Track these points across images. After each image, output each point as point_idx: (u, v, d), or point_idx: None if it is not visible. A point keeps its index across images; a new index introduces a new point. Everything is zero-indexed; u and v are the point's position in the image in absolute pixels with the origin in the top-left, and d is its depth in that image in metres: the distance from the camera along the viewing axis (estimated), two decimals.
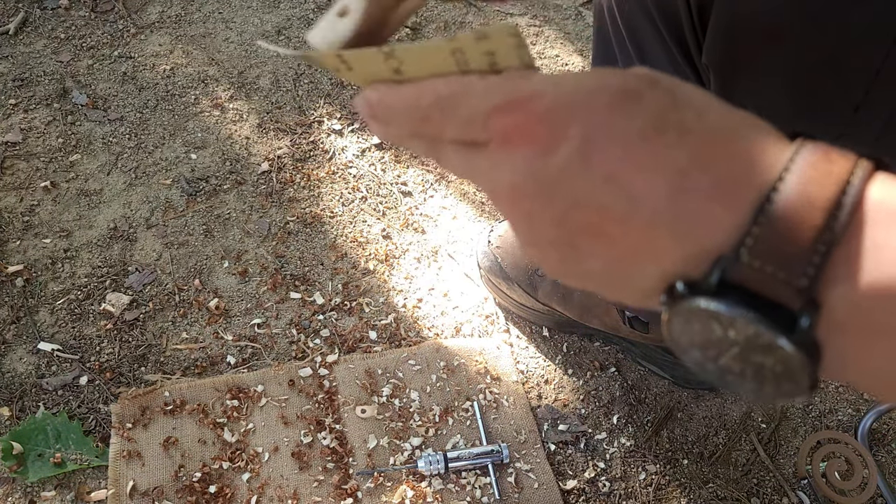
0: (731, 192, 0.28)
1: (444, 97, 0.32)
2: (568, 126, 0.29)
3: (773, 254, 0.27)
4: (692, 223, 0.28)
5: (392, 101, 0.34)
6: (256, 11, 1.51)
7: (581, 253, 0.31)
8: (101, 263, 1.13)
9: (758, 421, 1.03)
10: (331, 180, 1.25)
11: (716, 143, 0.29)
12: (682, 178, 0.28)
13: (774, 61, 0.56)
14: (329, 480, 0.94)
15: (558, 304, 1.04)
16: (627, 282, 0.31)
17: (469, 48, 0.31)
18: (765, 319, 0.27)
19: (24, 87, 1.35)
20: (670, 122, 0.29)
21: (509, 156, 0.31)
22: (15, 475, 0.93)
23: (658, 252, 0.29)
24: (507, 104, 0.31)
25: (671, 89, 0.30)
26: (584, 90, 0.30)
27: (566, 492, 0.96)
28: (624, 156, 0.29)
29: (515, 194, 0.31)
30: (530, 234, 0.32)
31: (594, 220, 0.29)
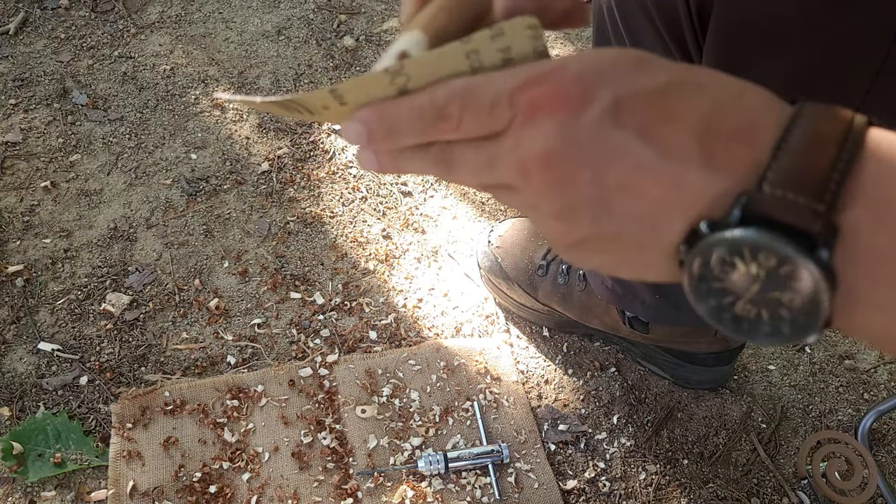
0: (751, 133, 0.31)
1: (462, 89, 0.33)
2: (596, 87, 0.31)
3: (793, 181, 0.29)
4: (717, 163, 0.30)
5: (397, 108, 0.34)
6: (256, 11, 1.51)
7: (612, 211, 0.32)
8: (102, 263, 1.13)
9: (758, 421, 1.03)
10: (331, 180, 1.25)
11: (731, 95, 0.32)
12: (706, 122, 0.31)
13: (774, 63, 0.56)
14: (329, 480, 0.94)
15: (558, 305, 1.04)
16: (652, 239, 0.32)
17: (484, 47, 0.32)
18: (787, 242, 0.29)
19: (25, 87, 1.35)
20: (688, 80, 0.32)
21: (539, 124, 0.32)
22: (15, 475, 0.93)
23: (686, 199, 0.31)
24: (532, 77, 0.32)
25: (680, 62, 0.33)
26: (605, 59, 0.32)
27: (566, 492, 0.96)
28: (652, 109, 0.31)
29: (549, 161, 0.32)
30: (561, 202, 0.33)
31: (627, 175, 0.31)
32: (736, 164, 0.30)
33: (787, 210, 0.29)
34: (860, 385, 1.07)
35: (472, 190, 1.26)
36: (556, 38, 1.51)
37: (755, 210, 0.29)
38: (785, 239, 0.29)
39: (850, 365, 1.09)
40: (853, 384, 1.07)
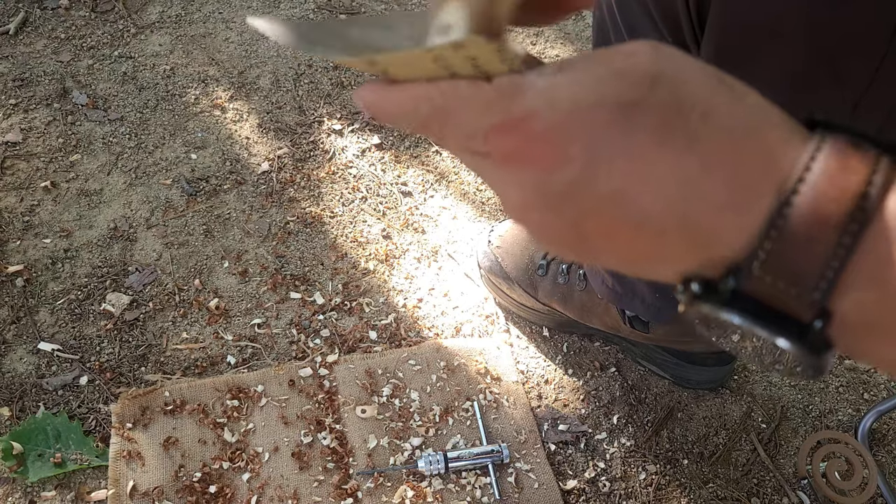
0: (743, 202, 0.28)
1: (440, 108, 0.31)
2: (569, 145, 0.29)
3: (785, 271, 0.27)
4: (704, 233, 0.28)
5: (389, 105, 0.34)
6: (256, 11, 1.51)
7: (596, 251, 0.31)
8: (102, 263, 1.13)
9: (758, 421, 1.03)
10: (331, 180, 1.25)
11: (725, 147, 0.28)
12: (691, 187, 0.28)
13: (772, 58, 0.56)
14: (329, 480, 0.94)
15: (558, 304, 1.04)
16: (644, 273, 0.32)
17: (449, 56, 0.30)
18: (775, 331, 0.28)
19: (25, 87, 1.35)
20: (675, 130, 0.28)
21: (513, 173, 0.31)
22: (15, 475, 0.93)
23: (672, 257, 0.29)
24: (502, 125, 0.30)
25: (674, 84, 0.29)
26: (580, 106, 0.29)
27: (566, 492, 0.96)
28: (630, 171, 0.28)
29: (524, 208, 0.31)
30: (544, 237, 0.32)
31: (607, 228, 0.30)
32: (724, 234, 0.28)
33: (777, 298, 0.28)
34: (860, 385, 1.07)
35: (472, 190, 1.26)
36: (555, 37, 1.51)
37: (745, 288, 0.28)
38: (771, 328, 0.28)
39: (850, 365, 1.09)
40: (853, 384, 1.07)
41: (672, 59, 0.29)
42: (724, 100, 0.29)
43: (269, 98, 1.36)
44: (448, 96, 0.31)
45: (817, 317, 0.27)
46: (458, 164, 1.29)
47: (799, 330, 0.28)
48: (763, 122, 0.29)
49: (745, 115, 0.29)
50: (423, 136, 0.37)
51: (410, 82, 0.32)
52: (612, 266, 0.32)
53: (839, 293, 0.27)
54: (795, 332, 0.28)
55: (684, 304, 0.30)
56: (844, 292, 0.27)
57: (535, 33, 1.51)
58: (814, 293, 0.27)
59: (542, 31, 1.52)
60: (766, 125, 0.28)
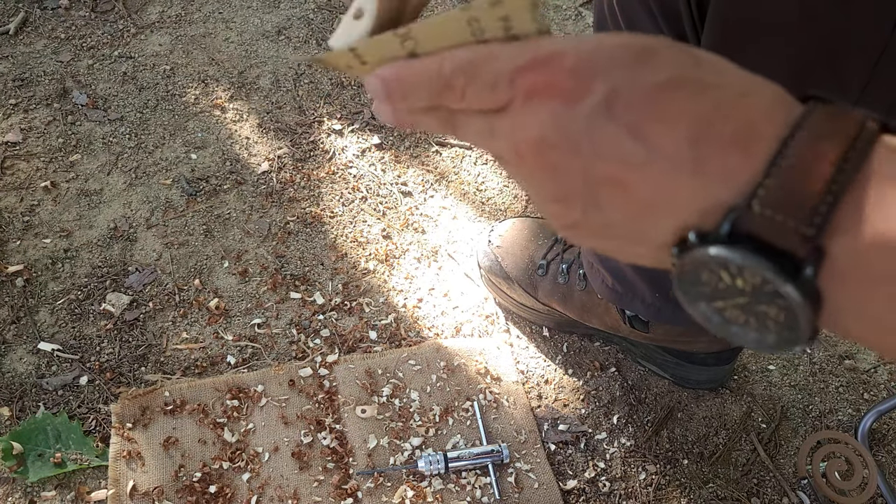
0: (748, 143, 0.29)
1: (467, 62, 0.33)
2: (593, 79, 0.30)
3: (783, 203, 0.28)
4: (709, 171, 0.30)
5: (411, 73, 0.34)
6: (256, 11, 1.51)
7: (601, 204, 0.32)
8: (102, 263, 1.13)
9: (758, 421, 1.03)
10: (331, 180, 1.25)
11: (734, 96, 0.30)
12: (703, 125, 0.29)
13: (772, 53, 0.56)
14: (329, 480, 0.94)
15: (558, 304, 1.04)
16: (642, 235, 0.32)
17: (484, 15, 0.32)
18: (772, 266, 0.29)
19: (25, 87, 1.35)
20: (690, 77, 0.30)
21: (535, 110, 0.32)
22: (15, 475, 0.93)
23: (674, 203, 0.30)
24: (532, 62, 0.32)
25: (690, 50, 0.32)
26: (606, 48, 0.31)
27: (566, 492, 0.96)
28: (647, 107, 0.30)
29: (542, 147, 0.32)
30: (553, 187, 0.33)
31: (616, 171, 0.31)
32: (729, 174, 0.29)
33: (774, 232, 0.29)
34: (860, 385, 1.07)
35: (472, 190, 1.26)
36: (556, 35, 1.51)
37: (743, 227, 0.29)
38: (769, 262, 0.29)
39: (850, 365, 1.09)
40: (853, 384, 1.07)
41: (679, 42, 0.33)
42: (734, 68, 0.32)
43: (269, 98, 1.36)
44: (476, 51, 0.33)
45: (811, 253, 0.28)
46: (459, 164, 1.29)
47: (793, 269, 0.28)
48: (764, 85, 0.31)
49: (753, 80, 0.31)
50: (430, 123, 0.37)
51: None
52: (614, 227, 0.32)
53: (832, 233, 0.28)
54: (790, 269, 0.28)
55: (679, 261, 0.31)
56: (837, 233, 0.28)
57: None
58: (808, 227, 0.28)
59: None
60: (766, 87, 0.31)
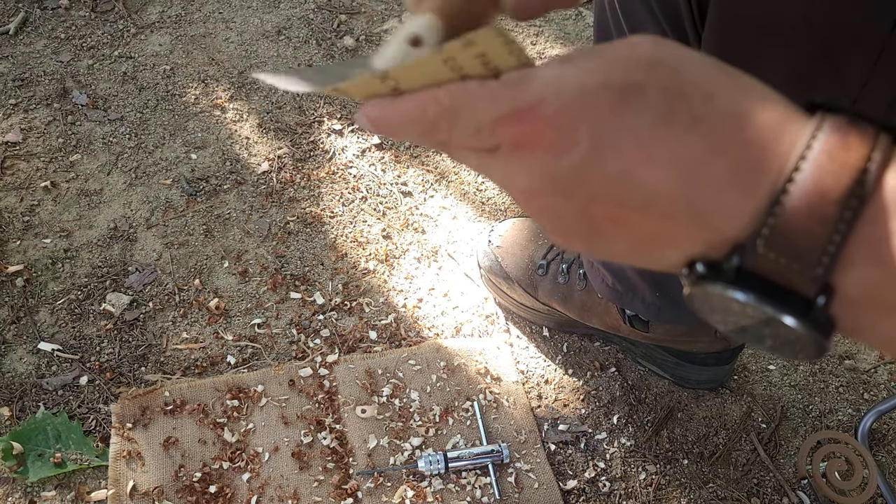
0: (747, 180, 0.28)
1: (448, 108, 0.32)
2: (576, 128, 0.29)
3: (788, 246, 0.27)
4: (709, 212, 0.29)
5: (395, 115, 0.34)
6: (256, 11, 1.51)
7: (605, 237, 0.31)
8: (102, 263, 1.13)
9: (758, 421, 1.03)
10: (331, 180, 1.25)
11: (728, 128, 0.28)
12: (696, 167, 0.28)
13: (773, 52, 0.56)
14: (329, 480, 0.94)
15: (559, 304, 1.04)
16: (650, 259, 0.32)
17: (459, 55, 0.31)
18: (779, 307, 0.28)
19: (25, 87, 1.35)
20: (679, 112, 0.29)
21: (521, 160, 0.31)
22: (15, 475, 0.93)
23: (678, 239, 0.30)
24: (511, 113, 0.31)
25: (676, 70, 0.29)
26: (587, 91, 0.30)
27: (566, 492, 0.96)
28: (636, 152, 0.29)
29: (532, 195, 0.32)
30: (552, 226, 0.33)
31: (614, 212, 0.30)
32: (729, 212, 0.28)
33: (780, 273, 0.28)
34: (860, 385, 1.07)
35: (472, 190, 1.26)
36: (555, 37, 1.51)
37: (750, 266, 0.28)
38: (775, 303, 0.28)
39: (850, 365, 1.09)
40: (853, 384, 1.07)
41: (672, 48, 0.30)
42: (724, 83, 0.29)
43: (269, 98, 1.36)
44: (457, 95, 0.32)
45: (821, 292, 0.28)
46: (459, 164, 1.29)
47: (803, 306, 0.28)
48: (764, 104, 0.29)
49: (745, 98, 0.29)
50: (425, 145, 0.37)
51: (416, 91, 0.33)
52: (620, 254, 0.32)
53: (841, 269, 0.27)
54: (799, 308, 0.28)
55: (689, 286, 0.30)
56: (847, 268, 0.27)
57: (536, 33, 1.51)
58: (816, 268, 0.27)
59: (542, 30, 1.52)
60: (766, 107, 0.29)
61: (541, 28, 1.52)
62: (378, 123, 0.34)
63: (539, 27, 1.52)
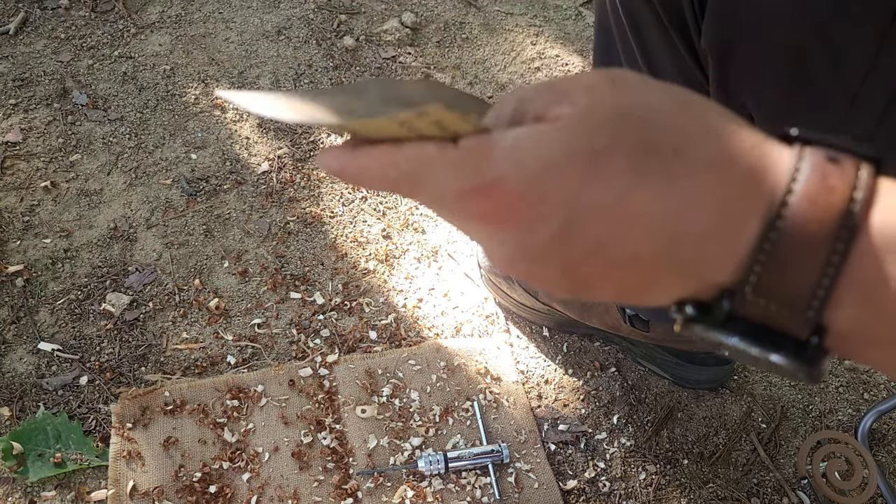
0: (729, 231, 0.28)
1: (407, 173, 0.31)
2: (544, 204, 0.28)
3: (776, 293, 0.27)
4: (694, 264, 0.28)
5: (356, 171, 0.33)
6: (256, 11, 1.51)
7: (591, 289, 0.31)
8: (102, 263, 1.13)
9: (758, 421, 1.03)
10: (331, 180, 1.25)
11: (702, 180, 0.28)
12: (674, 223, 0.28)
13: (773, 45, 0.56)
14: (329, 480, 0.94)
15: (559, 304, 1.04)
16: (640, 302, 0.31)
17: (414, 121, 0.30)
18: (771, 350, 0.28)
19: (25, 87, 1.35)
20: (650, 170, 0.28)
21: (493, 233, 0.30)
22: (15, 475, 0.93)
23: (665, 286, 0.30)
24: (473, 190, 0.30)
25: (642, 121, 0.28)
26: (551, 163, 0.28)
27: (566, 492, 0.96)
28: (610, 218, 0.28)
29: (510, 262, 0.31)
30: (536, 284, 0.32)
31: (597, 270, 0.30)
32: (712, 264, 0.28)
33: (771, 318, 0.28)
34: (860, 385, 1.07)
35: None
36: (555, 37, 1.51)
37: (739, 311, 0.28)
38: (768, 347, 0.28)
39: (849, 365, 1.09)
40: (853, 384, 1.07)
41: (634, 91, 0.29)
42: (693, 129, 0.28)
43: None
44: (414, 162, 0.31)
45: (813, 333, 0.28)
46: None
47: (795, 346, 0.28)
48: (737, 148, 0.28)
49: (717, 143, 0.28)
50: None
51: (376, 146, 0.32)
52: (609, 299, 0.32)
53: (832, 309, 0.27)
54: (792, 349, 0.28)
55: (679, 326, 0.30)
56: (838, 308, 0.27)
57: (536, 33, 1.51)
58: (807, 312, 0.27)
59: (542, 31, 1.52)
60: (740, 150, 0.28)
61: (541, 28, 1.52)
62: (338, 175, 0.33)
63: (539, 27, 1.52)
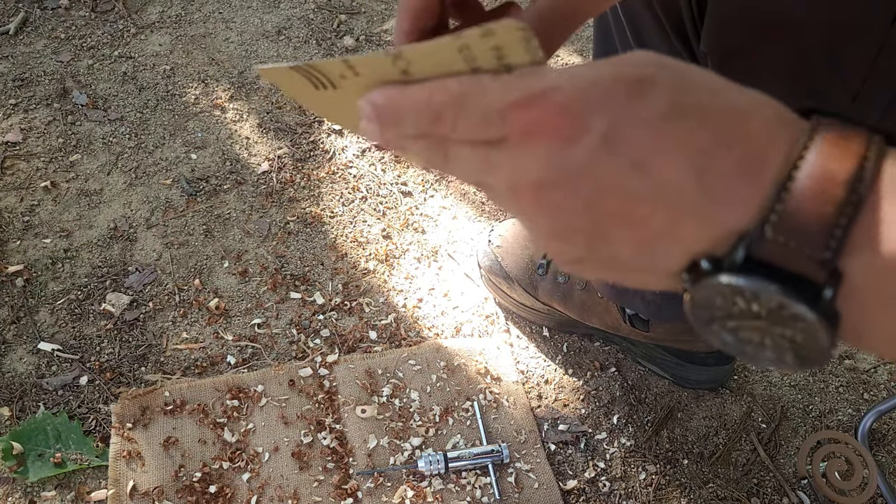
0: (754, 169, 0.29)
1: (457, 94, 0.32)
2: (589, 117, 0.30)
3: (796, 229, 0.28)
4: (717, 202, 0.29)
5: (401, 101, 0.34)
6: (256, 11, 1.51)
7: (608, 238, 0.31)
8: (102, 263, 1.13)
9: (758, 421, 1.03)
10: (331, 180, 1.25)
11: (735, 122, 0.30)
12: (706, 157, 0.29)
13: (772, 48, 0.56)
14: (329, 480, 0.94)
15: (559, 304, 1.04)
16: (652, 264, 0.32)
17: (476, 45, 0.31)
18: (789, 292, 0.28)
19: (25, 87, 1.35)
20: (689, 105, 0.30)
21: (532, 150, 0.31)
22: (15, 475, 0.93)
23: (684, 233, 0.30)
24: (524, 99, 0.31)
25: (683, 70, 0.31)
26: (600, 81, 0.30)
27: (566, 492, 0.96)
28: (648, 141, 0.29)
29: (542, 187, 0.31)
30: (556, 224, 0.32)
31: (622, 206, 0.30)
32: (737, 202, 0.29)
33: (789, 258, 0.28)
34: (860, 385, 1.07)
35: (472, 190, 1.26)
36: None
37: (757, 253, 0.28)
38: (786, 288, 0.28)
39: (850, 365, 1.09)
40: (853, 384, 1.07)
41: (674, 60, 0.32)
42: (726, 84, 0.31)
43: (269, 98, 1.36)
44: (466, 83, 0.32)
45: (829, 277, 0.28)
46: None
47: (811, 293, 0.28)
48: (764, 102, 0.31)
49: (746, 96, 0.31)
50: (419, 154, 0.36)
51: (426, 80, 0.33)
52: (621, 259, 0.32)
53: (848, 253, 0.28)
54: (808, 296, 0.28)
55: (690, 289, 0.30)
56: (852, 253, 0.28)
57: None
58: (825, 251, 0.28)
59: None
60: (767, 104, 0.31)
61: None
62: (382, 109, 0.34)
63: None
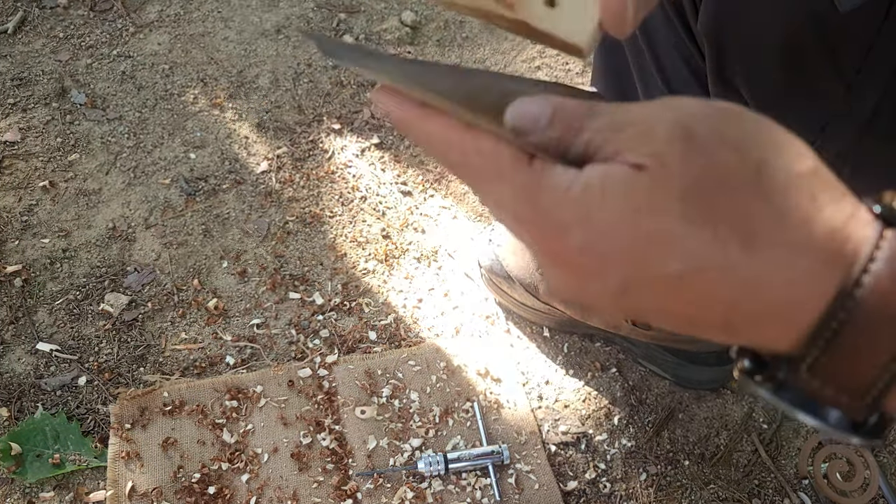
0: (787, 316, 0.28)
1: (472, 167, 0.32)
2: (605, 267, 0.29)
3: (833, 380, 0.27)
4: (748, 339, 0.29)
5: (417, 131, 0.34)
6: (256, 10, 1.50)
7: (646, 318, 0.32)
8: (100, 263, 1.13)
9: (759, 422, 1.03)
10: (330, 180, 1.25)
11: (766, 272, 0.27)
12: (730, 307, 0.28)
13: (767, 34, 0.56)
14: (328, 481, 0.94)
15: (559, 303, 1.04)
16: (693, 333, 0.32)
17: None
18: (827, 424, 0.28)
19: (23, 87, 1.35)
20: (712, 264, 0.27)
21: (552, 274, 0.32)
22: (13, 476, 0.93)
23: (720, 340, 0.30)
24: (533, 222, 0.30)
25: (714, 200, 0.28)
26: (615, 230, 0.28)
27: (567, 493, 0.95)
28: (665, 297, 0.29)
29: (566, 300, 0.33)
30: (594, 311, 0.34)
31: (651, 316, 0.31)
32: (769, 342, 0.28)
33: (827, 399, 0.28)
34: None
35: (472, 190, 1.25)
36: None
37: (794, 383, 0.28)
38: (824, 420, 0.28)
39: None
40: None
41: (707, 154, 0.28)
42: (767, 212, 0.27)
43: (268, 97, 1.35)
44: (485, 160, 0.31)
45: (870, 414, 0.27)
46: None
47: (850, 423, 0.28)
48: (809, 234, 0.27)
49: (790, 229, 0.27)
50: None
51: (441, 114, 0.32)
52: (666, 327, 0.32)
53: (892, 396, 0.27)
54: (846, 425, 0.28)
55: (738, 373, 0.30)
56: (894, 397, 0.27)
57: None
58: (865, 399, 0.27)
59: None
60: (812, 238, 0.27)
61: None
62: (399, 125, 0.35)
63: None
